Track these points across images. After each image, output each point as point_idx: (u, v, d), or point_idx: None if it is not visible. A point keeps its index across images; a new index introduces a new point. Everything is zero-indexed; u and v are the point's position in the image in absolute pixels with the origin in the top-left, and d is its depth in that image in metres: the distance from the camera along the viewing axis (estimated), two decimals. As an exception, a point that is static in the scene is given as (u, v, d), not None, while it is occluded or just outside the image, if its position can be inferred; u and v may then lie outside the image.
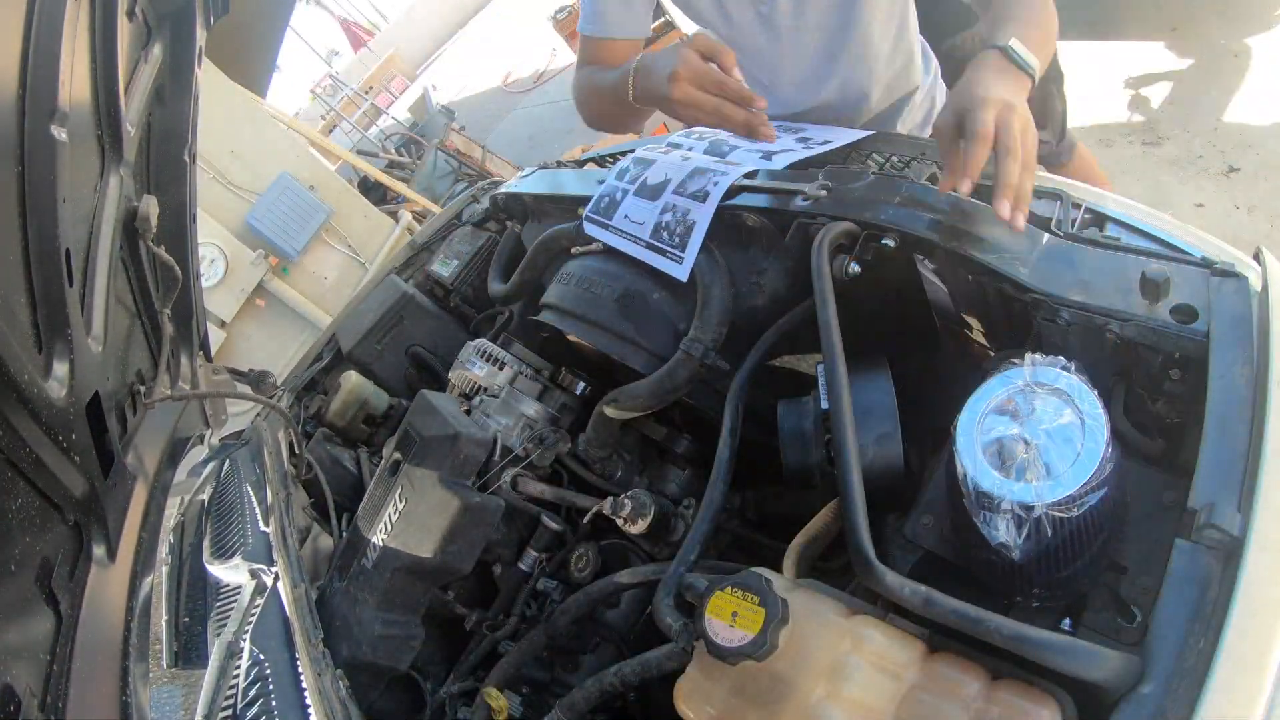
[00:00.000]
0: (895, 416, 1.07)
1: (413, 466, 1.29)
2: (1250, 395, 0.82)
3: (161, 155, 1.65)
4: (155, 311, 1.57)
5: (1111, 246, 1.04)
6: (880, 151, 1.53)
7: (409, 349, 2.00)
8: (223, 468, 1.69)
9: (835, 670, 0.84)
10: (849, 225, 1.16)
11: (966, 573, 1.00)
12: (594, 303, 1.42)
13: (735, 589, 0.88)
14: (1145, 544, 0.91)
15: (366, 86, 10.52)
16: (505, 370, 1.60)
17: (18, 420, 0.91)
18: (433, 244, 2.24)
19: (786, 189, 1.28)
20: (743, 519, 1.45)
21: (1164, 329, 0.91)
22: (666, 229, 1.35)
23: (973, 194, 1.17)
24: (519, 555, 1.43)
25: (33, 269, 0.98)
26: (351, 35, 14.87)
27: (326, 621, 1.24)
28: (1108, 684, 0.73)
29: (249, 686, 1.02)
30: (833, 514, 1.11)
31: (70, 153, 1.06)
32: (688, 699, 0.93)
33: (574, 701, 1.08)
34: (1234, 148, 2.91)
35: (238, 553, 1.34)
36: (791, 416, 1.18)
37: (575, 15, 6.11)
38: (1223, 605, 0.72)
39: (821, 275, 1.09)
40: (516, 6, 11.22)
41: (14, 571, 0.90)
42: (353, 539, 1.35)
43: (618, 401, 1.36)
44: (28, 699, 0.85)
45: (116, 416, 1.30)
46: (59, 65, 1.02)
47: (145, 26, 1.50)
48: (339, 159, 6.08)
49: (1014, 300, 1.08)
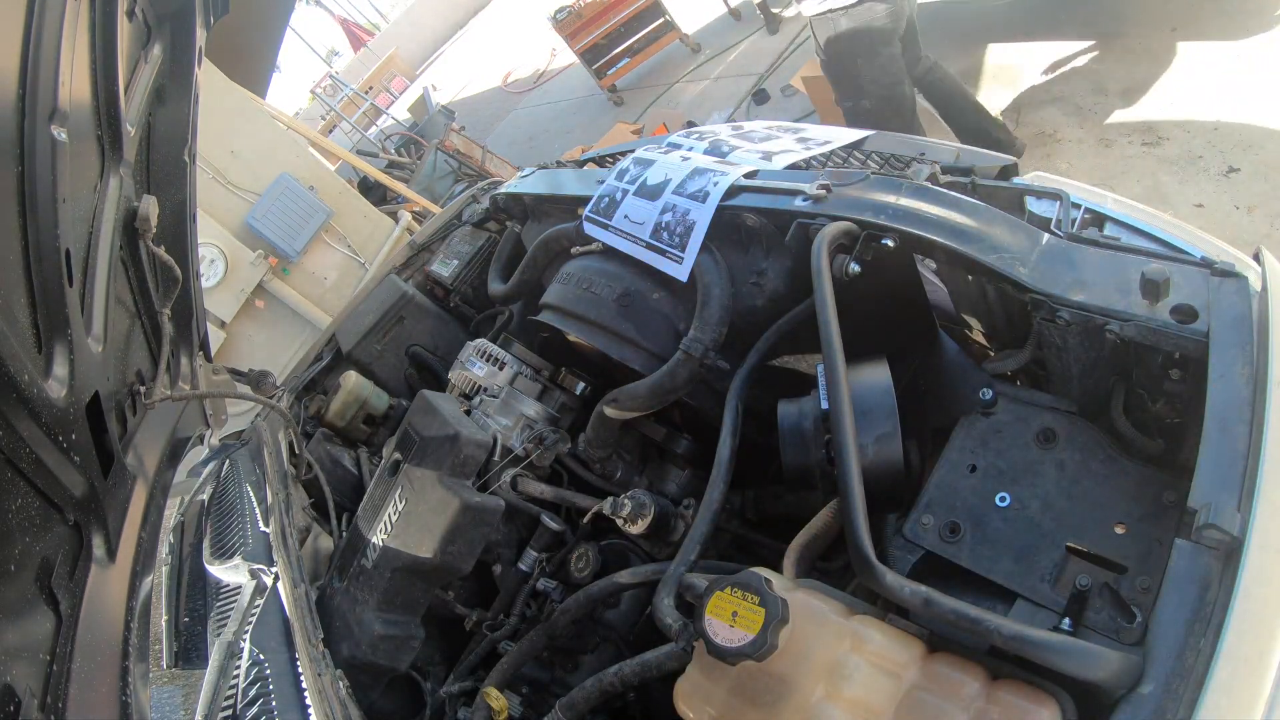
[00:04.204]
0: (895, 416, 1.07)
1: (413, 466, 1.29)
2: (1250, 395, 0.82)
3: (161, 155, 1.65)
4: (155, 311, 1.56)
5: (1111, 246, 1.04)
6: (880, 151, 1.53)
7: (409, 349, 2.01)
8: (223, 468, 1.69)
9: (835, 670, 0.84)
10: (849, 225, 1.16)
11: (967, 573, 1.00)
12: (594, 303, 1.42)
13: (735, 589, 0.88)
14: (1145, 544, 0.91)
15: (366, 86, 10.52)
16: (505, 370, 1.60)
17: (18, 420, 0.90)
18: (433, 244, 2.24)
19: (786, 189, 1.28)
20: (743, 519, 1.45)
21: (1164, 329, 0.91)
22: (666, 229, 1.35)
23: (969, 194, 1.17)
24: (519, 555, 1.43)
25: (33, 269, 0.98)
26: (351, 35, 14.86)
27: (326, 621, 1.24)
28: (1108, 684, 0.73)
29: (249, 686, 1.02)
30: (833, 514, 1.11)
31: (70, 153, 1.06)
32: (688, 699, 0.93)
33: (574, 701, 1.08)
34: (1234, 148, 2.91)
35: (238, 553, 1.34)
36: (791, 416, 1.18)
37: (575, 15, 6.11)
38: (1223, 605, 0.72)
39: (821, 275, 1.09)
40: (516, 6, 11.22)
41: (14, 571, 0.90)
42: (353, 539, 1.35)
43: (618, 401, 1.36)
44: (28, 699, 0.84)
45: (116, 416, 1.30)
46: (59, 65, 1.02)
47: (145, 26, 1.50)
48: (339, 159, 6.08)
49: (1014, 300, 1.08)
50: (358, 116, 9.28)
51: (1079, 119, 3.31)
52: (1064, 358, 1.05)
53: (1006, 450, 1.08)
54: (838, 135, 1.56)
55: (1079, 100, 3.38)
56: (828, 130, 1.62)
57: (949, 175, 1.27)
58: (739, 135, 1.63)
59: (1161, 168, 3.03)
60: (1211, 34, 3.32)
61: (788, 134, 1.61)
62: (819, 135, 1.58)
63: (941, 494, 1.08)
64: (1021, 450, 1.07)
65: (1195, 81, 3.22)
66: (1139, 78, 3.40)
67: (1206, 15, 3.39)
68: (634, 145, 1.87)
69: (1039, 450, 1.05)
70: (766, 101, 5.07)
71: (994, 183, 1.26)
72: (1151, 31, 3.51)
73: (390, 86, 11.24)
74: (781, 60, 5.35)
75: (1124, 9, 3.67)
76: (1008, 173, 1.34)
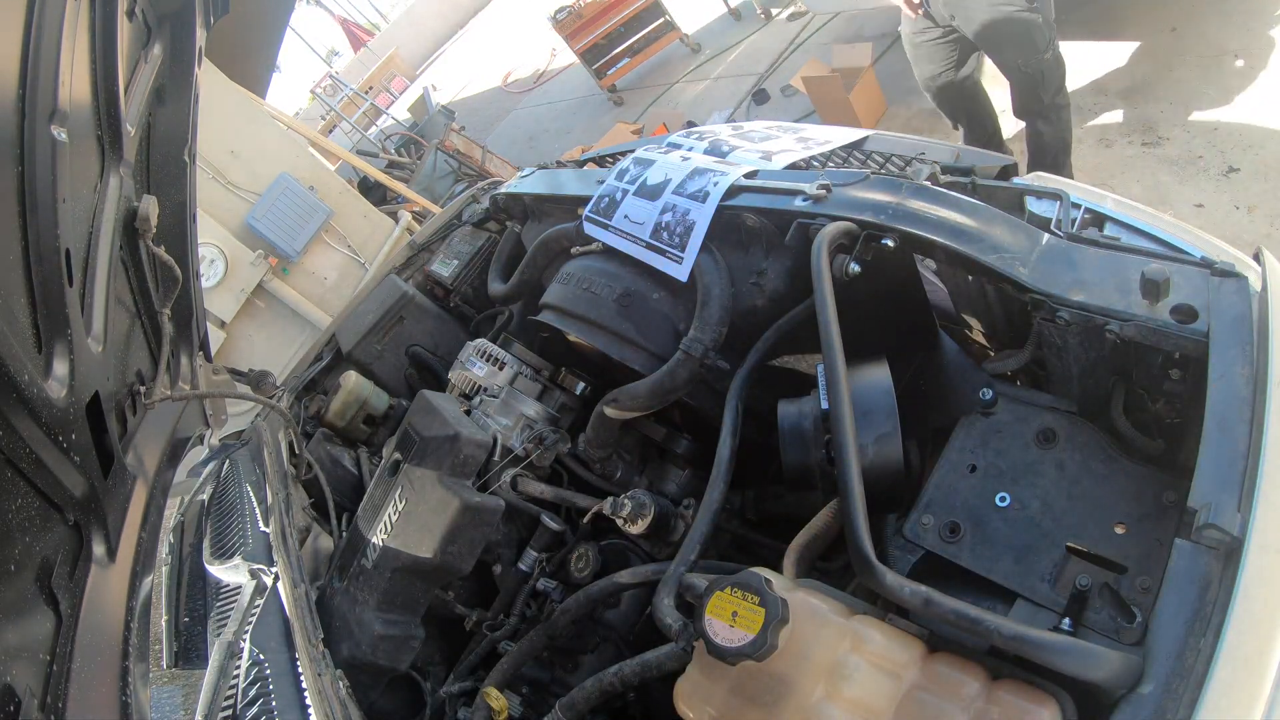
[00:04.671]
0: (895, 416, 1.07)
1: (413, 466, 1.29)
2: (1250, 395, 0.82)
3: (161, 155, 1.65)
4: (155, 311, 1.56)
5: (1111, 246, 1.04)
6: (880, 151, 1.53)
7: (409, 349, 2.01)
8: (223, 468, 1.69)
9: (835, 670, 0.84)
10: (849, 225, 1.16)
11: (967, 573, 1.00)
12: (594, 303, 1.42)
13: (735, 589, 0.88)
14: (1145, 544, 0.91)
15: (366, 86, 10.51)
16: (505, 370, 1.60)
17: (18, 420, 0.90)
18: (433, 244, 2.24)
19: (786, 189, 1.28)
20: (743, 519, 1.45)
21: (1164, 329, 0.91)
22: (666, 229, 1.35)
23: (969, 194, 1.17)
24: (519, 555, 1.43)
25: (33, 269, 0.98)
26: (351, 35, 14.87)
27: (326, 621, 1.24)
28: (1108, 684, 0.73)
29: (249, 686, 1.02)
30: (833, 514, 1.11)
31: (70, 153, 1.06)
32: (688, 699, 0.93)
33: (574, 701, 1.08)
34: (1234, 148, 2.91)
35: (238, 553, 1.34)
36: (791, 416, 1.18)
37: (575, 15, 6.11)
38: (1222, 605, 0.72)
39: (821, 275, 1.09)
40: (516, 6, 11.22)
41: (14, 571, 0.90)
42: (353, 539, 1.35)
43: (618, 401, 1.36)
44: (28, 699, 0.84)
45: (116, 416, 1.30)
46: (59, 65, 1.02)
47: (145, 26, 1.50)
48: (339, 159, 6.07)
49: (1014, 300, 1.08)
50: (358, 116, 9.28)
51: (1079, 119, 3.31)
52: (1064, 358, 1.05)
53: (1006, 450, 1.08)
54: (838, 135, 1.57)
55: (1079, 100, 3.37)
56: (828, 130, 1.62)
57: (949, 175, 1.27)
58: (739, 135, 1.63)
59: (1161, 168, 3.03)
60: (1211, 34, 3.32)
61: (788, 134, 1.61)
62: (819, 135, 1.58)
63: (941, 494, 1.08)
64: (1021, 450, 1.07)
65: (1195, 81, 3.22)
66: (1139, 78, 3.40)
67: (1206, 15, 3.39)
68: (634, 145, 1.87)
69: (1039, 450, 1.05)
70: (766, 101, 5.07)
71: (994, 183, 1.26)
72: (1151, 31, 3.51)
73: (390, 86, 11.24)
74: (781, 60, 5.35)
75: (1124, 9, 3.67)
76: (1008, 173, 1.34)
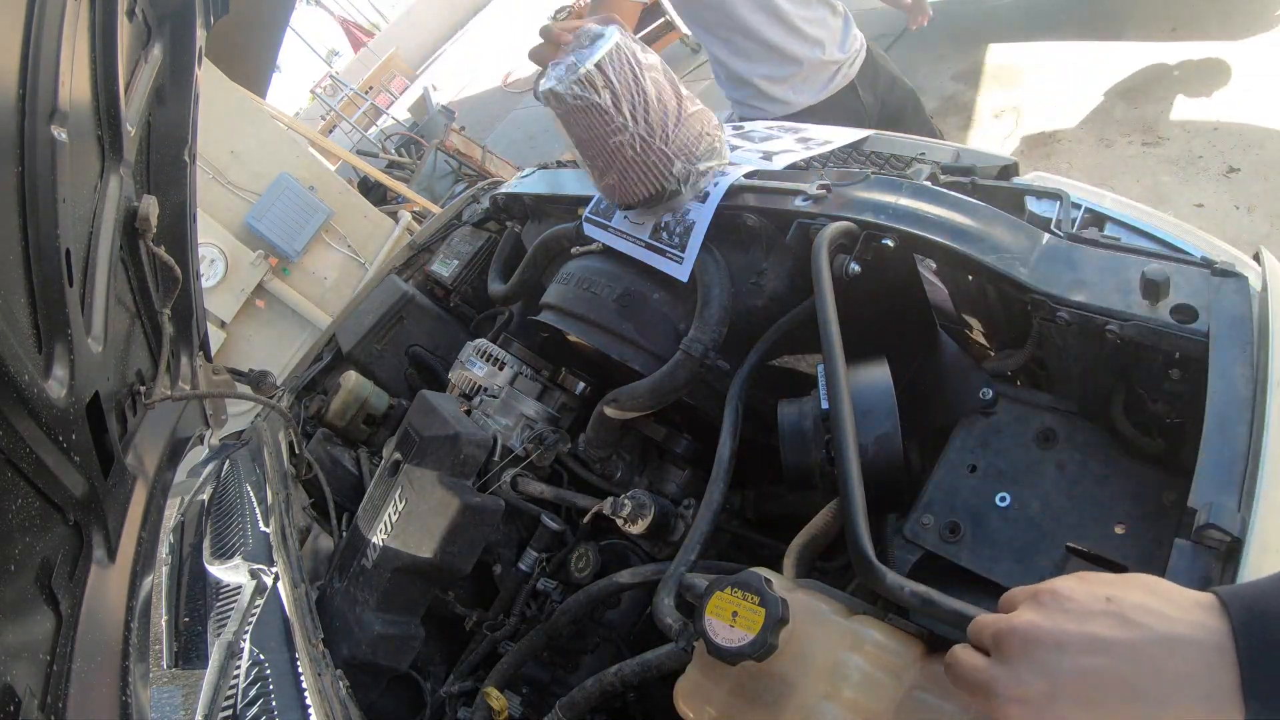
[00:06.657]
0: (895, 416, 1.07)
1: (413, 466, 1.29)
2: (1250, 395, 0.82)
3: (161, 155, 1.65)
4: (155, 311, 1.56)
5: (1111, 246, 1.04)
6: (880, 151, 1.53)
7: (409, 349, 2.01)
8: (223, 468, 1.70)
9: (835, 670, 0.84)
10: (849, 225, 1.16)
11: (967, 573, 1.00)
12: (594, 303, 1.42)
13: (735, 589, 0.88)
14: (1145, 544, 0.91)
15: (366, 86, 10.52)
16: (505, 370, 1.60)
17: (18, 420, 0.91)
18: (433, 244, 2.24)
19: (786, 189, 1.28)
20: (743, 519, 1.45)
21: (1164, 329, 0.91)
22: (666, 229, 1.35)
23: (969, 194, 1.17)
24: (519, 555, 1.43)
25: (33, 269, 0.98)
26: (351, 35, 14.88)
27: (326, 621, 1.24)
28: (1108, 684, 0.73)
29: (249, 686, 1.02)
30: (833, 514, 1.11)
31: (70, 153, 1.06)
32: (688, 699, 0.93)
33: (574, 701, 1.08)
34: (1234, 148, 2.91)
35: (238, 553, 1.34)
36: (791, 416, 1.18)
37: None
38: (1223, 605, 0.71)
39: (821, 275, 1.09)
40: (516, 6, 11.22)
41: (14, 571, 0.90)
42: (353, 539, 1.35)
43: (618, 401, 1.36)
44: (28, 699, 0.84)
45: (116, 416, 1.30)
46: (59, 65, 1.02)
47: (145, 26, 1.50)
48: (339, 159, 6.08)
49: (1014, 300, 1.08)
50: (358, 116, 9.28)
51: (1079, 119, 3.32)
52: (1064, 358, 1.05)
53: (1006, 450, 1.08)
54: (838, 135, 1.56)
55: (1079, 100, 3.38)
56: (828, 130, 1.62)
57: (949, 175, 1.27)
58: (739, 135, 1.63)
59: (1161, 168, 3.04)
60: (1211, 34, 3.32)
61: (788, 134, 1.61)
62: (819, 135, 1.58)
63: (941, 494, 1.08)
64: (1021, 450, 1.07)
65: (1195, 81, 3.22)
66: (1139, 78, 3.40)
67: (1206, 15, 3.40)
68: (634, 145, 1.86)
69: (1039, 450, 1.05)
70: (766, 101, 5.06)
71: (994, 183, 1.26)
72: (1151, 31, 3.51)
73: (390, 86, 11.25)
74: (781, 60, 5.34)
75: (1124, 9, 3.68)
76: (1008, 173, 1.34)
